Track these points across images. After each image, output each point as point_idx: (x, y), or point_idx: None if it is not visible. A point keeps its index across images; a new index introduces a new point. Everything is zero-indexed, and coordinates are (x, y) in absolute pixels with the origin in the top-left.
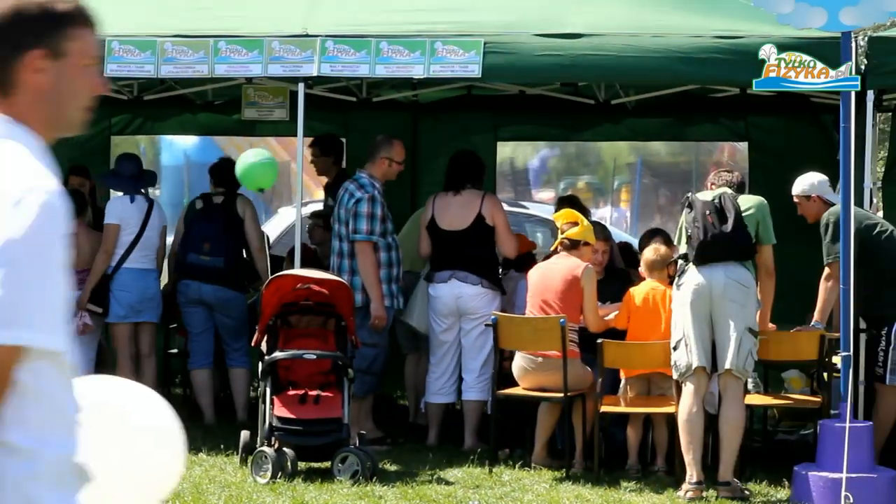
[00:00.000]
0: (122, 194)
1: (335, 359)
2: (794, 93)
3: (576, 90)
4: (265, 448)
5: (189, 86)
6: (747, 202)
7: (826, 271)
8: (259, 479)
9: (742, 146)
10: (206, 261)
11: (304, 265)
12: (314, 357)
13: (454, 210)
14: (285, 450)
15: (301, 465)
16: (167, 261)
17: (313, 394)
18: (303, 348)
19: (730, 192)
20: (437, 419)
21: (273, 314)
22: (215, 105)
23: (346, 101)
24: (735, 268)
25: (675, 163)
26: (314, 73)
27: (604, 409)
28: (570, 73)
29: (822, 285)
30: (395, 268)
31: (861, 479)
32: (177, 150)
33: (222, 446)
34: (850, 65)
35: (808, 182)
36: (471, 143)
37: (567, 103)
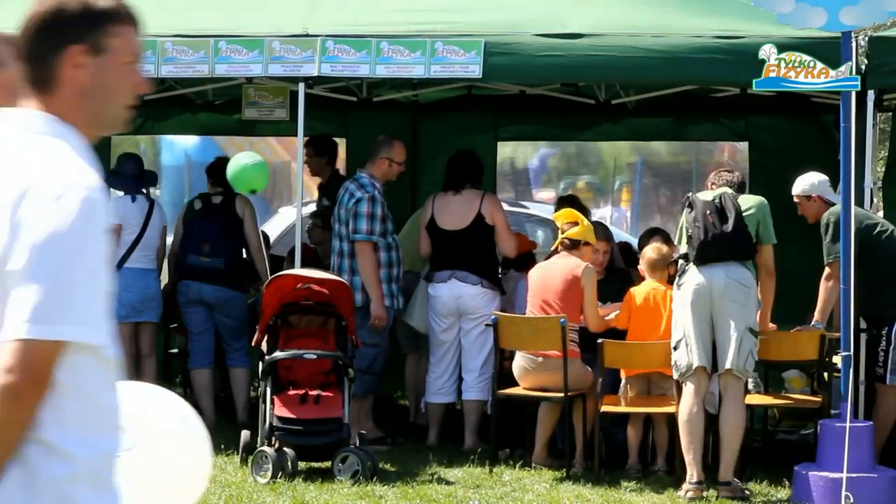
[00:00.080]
0: (123, 194)
1: (335, 359)
2: (794, 93)
3: (576, 90)
4: (265, 448)
5: (189, 86)
6: (748, 202)
7: (826, 271)
8: (259, 479)
9: (742, 146)
10: (207, 262)
11: (304, 265)
12: (314, 357)
13: (454, 210)
14: (286, 449)
15: (301, 464)
16: (167, 261)
17: (314, 394)
18: (303, 348)
19: (730, 191)
20: (437, 419)
21: (273, 314)
22: (216, 105)
23: (346, 101)
24: (735, 268)
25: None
26: (314, 73)
27: (604, 408)
28: (571, 73)
29: (823, 285)
30: (396, 268)
31: (861, 478)
32: (177, 149)
33: (223, 446)
34: (850, 65)
35: (808, 182)
36: (471, 142)
37: (567, 103)
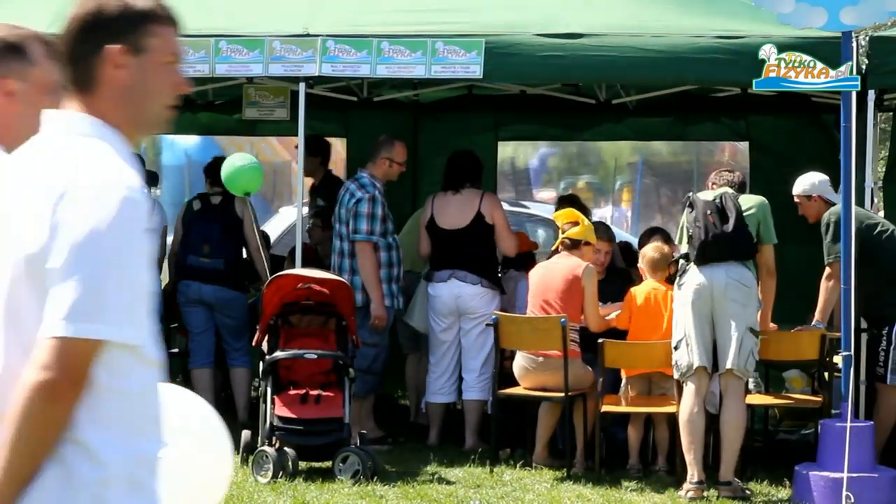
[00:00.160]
0: None
1: (336, 358)
2: (794, 92)
3: (577, 90)
4: (266, 448)
5: (192, 85)
6: (748, 202)
7: (827, 271)
8: (260, 479)
9: (743, 146)
10: (206, 262)
11: (305, 265)
12: (315, 357)
13: (453, 209)
14: (286, 449)
15: (302, 464)
16: (167, 261)
17: (314, 393)
18: (304, 348)
19: (731, 191)
20: (437, 419)
21: (274, 314)
22: (216, 105)
23: (346, 101)
24: (736, 267)
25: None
26: (315, 72)
27: (605, 408)
28: (572, 73)
29: (823, 285)
30: (396, 268)
31: (862, 478)
32: (178, 149)
33: None
34: (850, 65)
35: (808, 182)
36: (472, 142)
37: (568, 103)
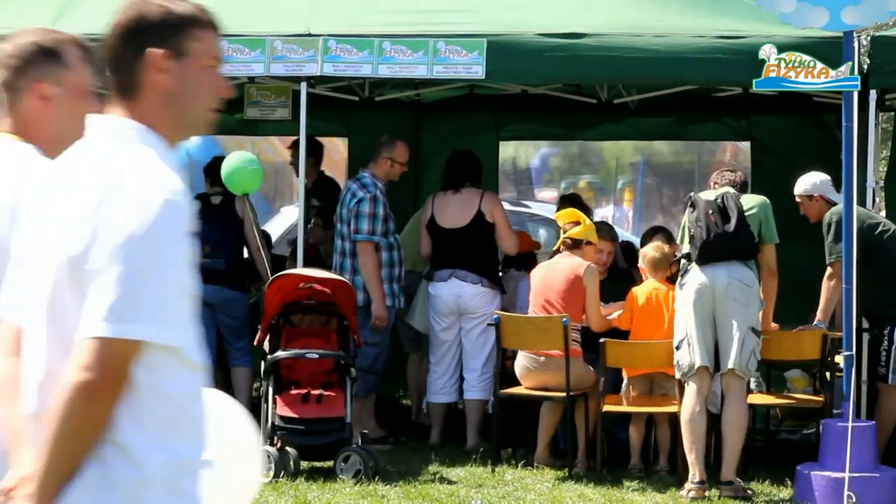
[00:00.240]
0: None
1: (337, 358)
2: (796, 92)
3: (578, 89)
4: (268, 447)
5: None
6: (750, 202)
7: (828, 271)
8: (261, 479)
9: (744, 146)
10: (207, 263)
11: (306, 264)
12: (316, 356)
13: (453, 208)
14: (288, 449)
15: (303, 464)
16: None
17: (316, 393)
18: (305, 347)
19: (732, 191)
20: (439, 418)
21: (275, 313)
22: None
23: (348, 101)
24: (738, 267)
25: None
26: (317, 72)
27: (606, 408)
28: (574, 73)
29: (825, 285)
30: (397, 267)
31: (864, 478)
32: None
33: None
34: (850, 65)
35: (810, 182)
36: (473, 142)
37: (569, 102)
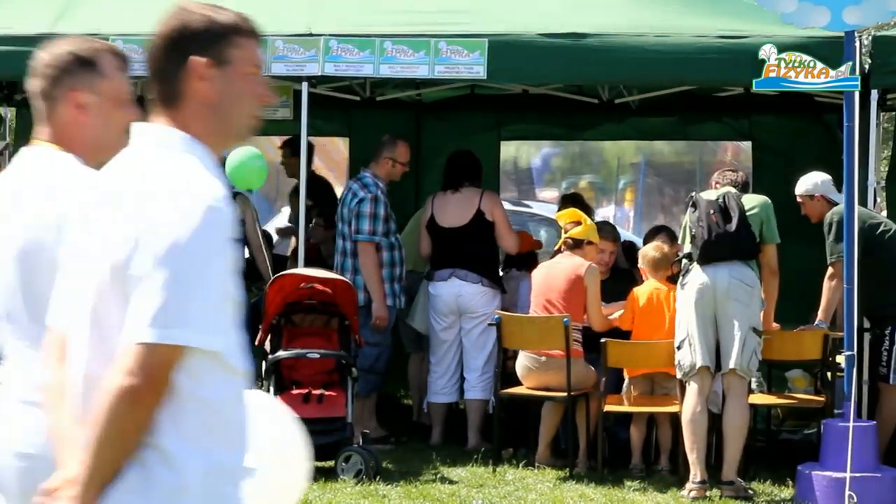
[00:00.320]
0: None
1: (339, 358)
2: (797, 92)
3: (579, 89)
4: None
5: None
6: (751, 201)
7: (829, 270)
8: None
9: (746, 145)
10: None
11: (307, 264)
12: (318, 356)
13: (453, 207)
14: None
15: None
16: None
17: (317, 393)
18: (306, 347)
19: (734, 191)
20: (440, 418)
21: (277, 313)
22: None
23: (349, 101)
24: (739, 267)
25: (679, 162)
26: (318, 72)
27: (607, 408)
28: (575, 73)
29: (826, 284)
30: (398, 267)
31: (865, 478)
32: None
33: None
34: (850, 64)
35: (811, 181)
36: (474, 142)
37: (570, 102)
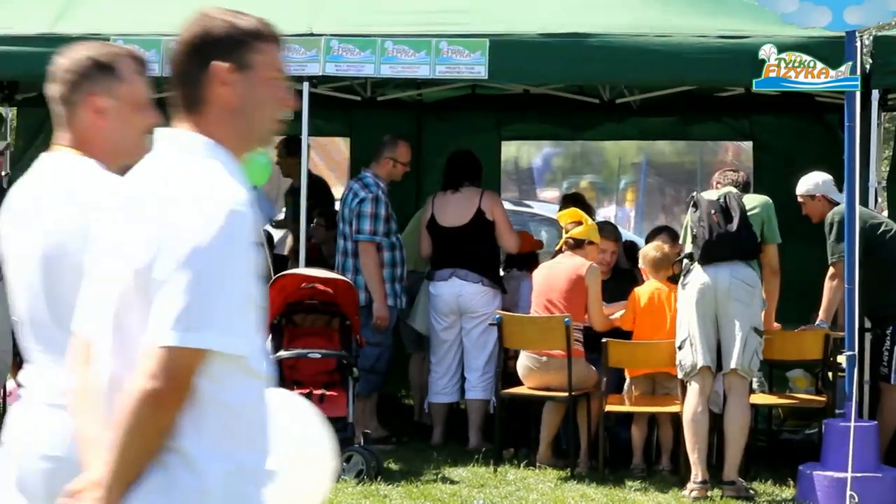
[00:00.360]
0: None
1: (340, 358)
2: (798, 92)
3: (580, 89)
4: None
5: None
6: (752, 201)
7: (831, 270)
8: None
9: (747, 146)
10: None
11: (308, 264)
12: (319, 356)
13: (453, 207)
14: None
15: None
16: None
17: (318, 393)
18: (307, 347)
19: (735, 191)
20: (441, 418)
21: (278, 313)
22: None
23: (350, 101)
24: (740, 267)
25: (680, 162)
26: (319, 72)
27: (608, 408)
28: (576, 73)
29: (827, 284)
30: (399, 267)
31: (866, 478)
32: None
33: None
34: (850, 64)
35: (812, 182)
36: (475, 142)
37: (571, 102)
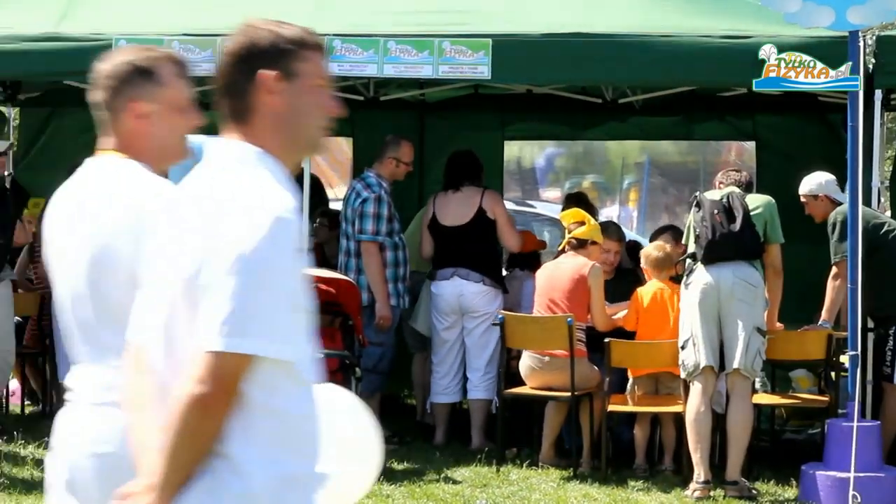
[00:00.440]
0: None
1: (342, 357)
2: (801, 92)
3: (583, 89)
4: None
5: (196, 85)
6: (755, 201)
7: (833, 270)
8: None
9: (750, 145)
10: None
11: (311, 264)
12: (321, 356)
13: (454, 206)
14: None
15: None
16: None
17: None
18: None
19: (738, 191)
20: (443, 418)
21: None
22: None
23: (353, 100)
24: (743, 267)
25: (683, 162)
26: None
27: (611, 408)
28: (579, 74)
29: (830, 284)
30: (402, 267)
31: (869, 478)
32: None
33: None
34: (850, 64)
35: (815, 181)
36: (478, 141)
37: (574, 102)
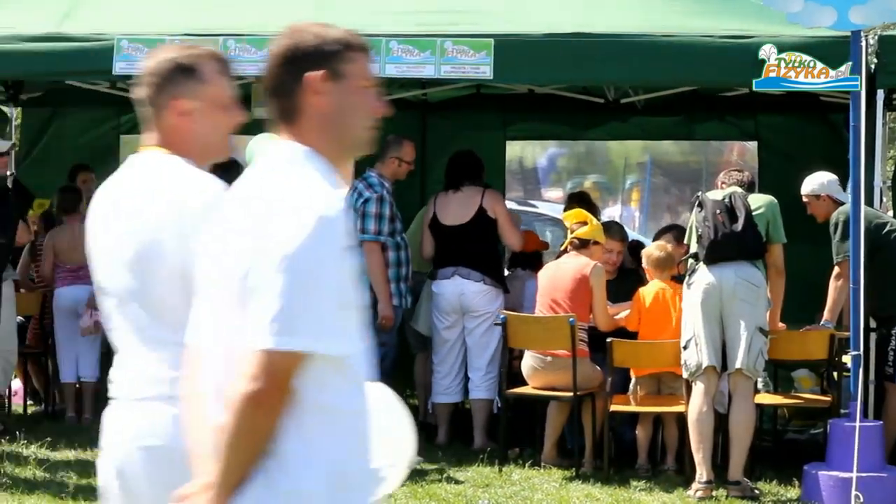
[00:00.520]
0: None
1: None
2: (803, 92)
3: (585, 89)
4: None
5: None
6: (757, 201)
7: (836, 270)
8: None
9: (752, 145)
10: None
11: None
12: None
13: (455, 206)
14: None
15: None
16: None
17: None
18: None
19: (740, 191)
20: (445, 418)
21: None
22: None
23: None
24: (745, 267)
25: (685, 162)
26: None
27: (613, 408)
28: (581, 73)
29: (832, 284)
30: (404, 267)
31: (871, 478)
32: None
33: None
34: (850, 64)
35: (817, 181)
36: (480, 141)
37: (576, 102)
